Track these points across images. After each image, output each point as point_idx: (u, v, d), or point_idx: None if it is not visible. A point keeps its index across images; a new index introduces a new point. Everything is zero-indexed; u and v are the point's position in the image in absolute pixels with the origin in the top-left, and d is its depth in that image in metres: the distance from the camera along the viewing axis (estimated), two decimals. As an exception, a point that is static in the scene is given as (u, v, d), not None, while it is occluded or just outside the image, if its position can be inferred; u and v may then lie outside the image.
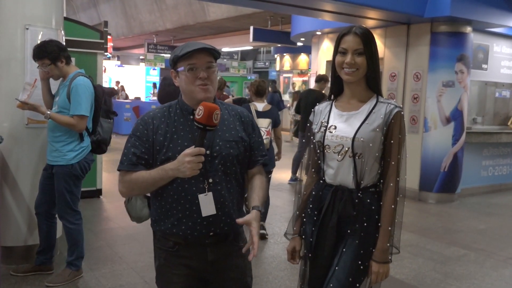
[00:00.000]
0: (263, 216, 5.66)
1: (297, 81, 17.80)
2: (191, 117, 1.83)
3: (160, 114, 1.90)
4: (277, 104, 9.21)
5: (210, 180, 1.84)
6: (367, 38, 1.98)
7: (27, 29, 3.83)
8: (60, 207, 3.62)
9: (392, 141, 1.98)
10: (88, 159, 3.68)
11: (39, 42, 3.65)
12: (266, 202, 1.93)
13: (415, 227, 5.86)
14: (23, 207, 3.98)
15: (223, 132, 1.90)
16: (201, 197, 1.82)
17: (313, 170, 2.19)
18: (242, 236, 2.02)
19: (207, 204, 1.82)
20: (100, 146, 3.81)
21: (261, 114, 4.91)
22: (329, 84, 3.14)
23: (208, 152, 1.81)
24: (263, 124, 4.79)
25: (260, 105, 5.07)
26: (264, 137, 4.40)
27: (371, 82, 2.04)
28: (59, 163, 3.54)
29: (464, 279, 4.28)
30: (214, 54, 1.87)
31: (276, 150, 5.23)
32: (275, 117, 5.06)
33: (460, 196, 7.50)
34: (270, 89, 11.93)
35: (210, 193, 1.83)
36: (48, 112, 3.47)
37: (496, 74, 8.30)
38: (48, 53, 3.44)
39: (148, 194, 2.02)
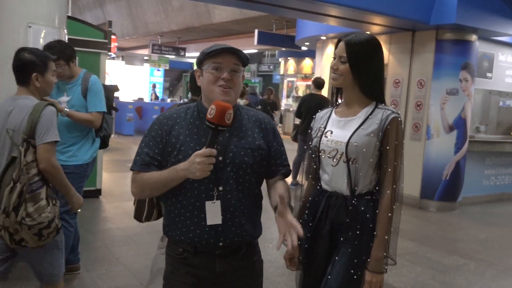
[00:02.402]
0: None
1: (301, 85, 17.77)
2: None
3: (176, 115, 1.83)
4: (254, 103, 10.72)
5: (221, 188, 1.75)
6: (352, 47, 1.96)
7: (30, 27, 3.82)
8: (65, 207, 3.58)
9: (388, 147, 1.94)
10: (95, 157, 3.70)
11: (41, 40, 3.64)
12: None
13: (415, 235, 5.82)
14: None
15: (239, 138, 1.80)
16: (208, 204, 1.74)
17: (310, 176, 2.18)
18: (256, 249, 1.95)
19: (213, 213, 1.74)
20: (104, 142, 3.81)
21: None
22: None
23: (220, 158, 1.73)
24: None
25: (242, 101, 7.26)
26: None
27: (367, 89, 2.02)
28: (77, 162, 3.49)
29: (463, 289, 4.25)
30: (242, 58, 1.80)
31: None
32: None
33: (461, 205, 7.46)
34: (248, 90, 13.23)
35: (218, 202, 1.74)
36: (67, 110, 3.40)
37: (501, 83, 8.27)
38: (64, 54, 3.39)
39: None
